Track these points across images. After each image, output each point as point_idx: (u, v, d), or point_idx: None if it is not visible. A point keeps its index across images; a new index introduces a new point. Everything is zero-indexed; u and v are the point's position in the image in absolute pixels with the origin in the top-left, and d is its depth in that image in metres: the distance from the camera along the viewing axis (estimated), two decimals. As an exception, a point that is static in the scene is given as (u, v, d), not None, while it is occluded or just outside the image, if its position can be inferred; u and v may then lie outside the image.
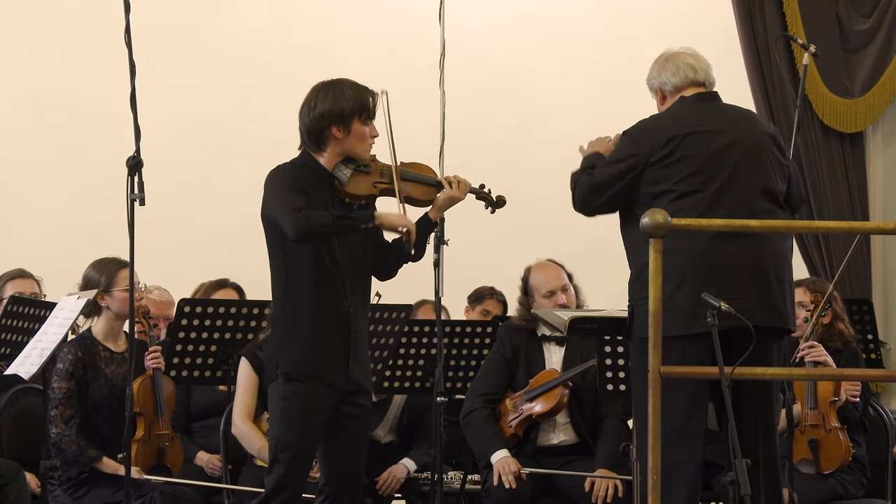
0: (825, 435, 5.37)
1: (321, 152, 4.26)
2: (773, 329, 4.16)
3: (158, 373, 5.25)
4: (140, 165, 4.21)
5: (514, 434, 5.52)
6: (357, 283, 4.26)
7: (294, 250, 4.19)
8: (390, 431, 6.05)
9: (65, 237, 7.33)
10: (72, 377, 5.13)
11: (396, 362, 5.59)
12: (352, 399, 4.25)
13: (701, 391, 4.15)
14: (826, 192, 7.65)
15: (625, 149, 4.26)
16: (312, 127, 4.24)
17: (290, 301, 4.23)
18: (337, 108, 4.20)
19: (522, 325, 5.65)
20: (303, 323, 4.20)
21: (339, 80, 4.29)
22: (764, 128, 4.37)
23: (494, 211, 4.50)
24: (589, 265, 6.06)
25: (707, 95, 4.34)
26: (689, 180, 4.16)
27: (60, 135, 7.63)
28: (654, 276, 3.51)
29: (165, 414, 5.26)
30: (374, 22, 8.10)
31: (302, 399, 4.17)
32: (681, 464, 4.07)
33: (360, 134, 4.24)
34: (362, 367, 4.27)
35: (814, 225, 5.15)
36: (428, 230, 4.39)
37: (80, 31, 7.59)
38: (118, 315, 5.24)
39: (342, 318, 4.20)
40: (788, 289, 4.24)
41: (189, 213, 7.67)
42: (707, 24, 7.69)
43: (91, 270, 5.26)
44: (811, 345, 5.34)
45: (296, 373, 4.17)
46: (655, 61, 4.43)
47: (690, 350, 4.05)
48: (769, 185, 4.24)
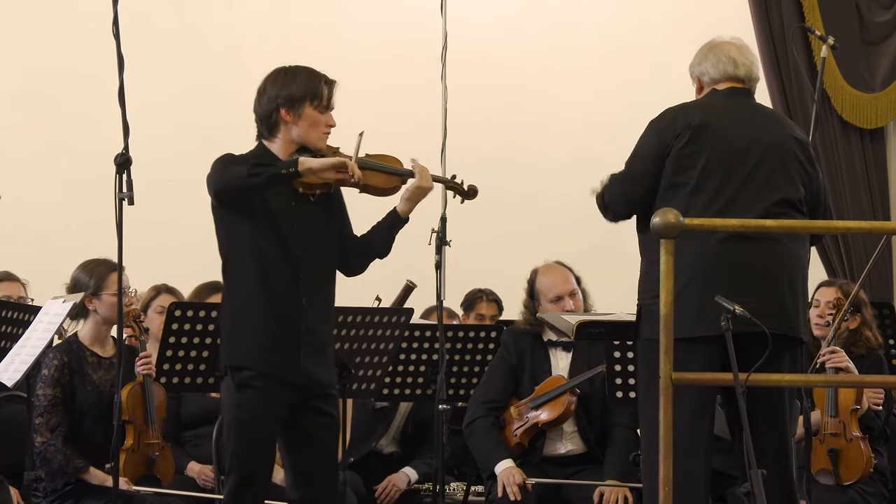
0: (846, 444, 5.36)
1: (273, 139, 4.27)
2: (782, 336, 4.12)
3: (149, 380, 5.24)
4: (129, 163, 4.21)
5: (519, 443, 5.52)
6: (315, 277, 4.24)
7: (237, 240, 4.20)
8: (393, 441, 6.05)
9: (50, 238, 7.34)
10: (57, 384, 5.14)
11: (397, 368, 5.58)
12: (319, 405, 4.23)
13: (707, 398, 4.14)
14: (845, 191, 7.66)
15: (650, 137, 4.26)
16: (262, 111, 4.27)
17: (233, 291, 4.25)
18: (286, 91, 4.23)
19: (527, 330, 5.64)
20: (248, 315, 4.19)
21: (295, 66, 4.32)
22: (793, 133, 4.34)
23: (464, 201, 4.49)
24: (596, 266, 6.06)
25: (740, 91, 4.33)
26: (705, 175, 4.15)
27: (45, 131, 7.63)
28: (665, 277, 3.50)
29: (156, 423, 5.26)
30: (374, 14, 8.11)
31: (256, 406, 4.16)
32: (687, 475, 4.05)
33: (312, 119, 4.23)
34: (320, 363, 4.23)
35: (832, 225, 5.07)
36: (396, 225, 4.37)
37: (66, 22, 7.60)
38: (106, 319, 5.25)
39: (291, 311, 4.19)
40: (801, 296, 4.21)
41: (180, 213, 7.64)
42: (720, 15, 7.69)
43: (80, 272, 5.26)
44: (832, 350, 5.33)
45: (246, 369, 4.15)
46: (700, 48, 4.42)
47: (696, 354, 4.02)
48: (789, 191, 4.20)
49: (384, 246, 4.39)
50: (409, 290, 5.92)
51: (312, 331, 4.22)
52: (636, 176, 4.24)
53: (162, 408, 5.35)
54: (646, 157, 4.22)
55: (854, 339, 5.56)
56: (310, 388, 4.21)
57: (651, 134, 4.26)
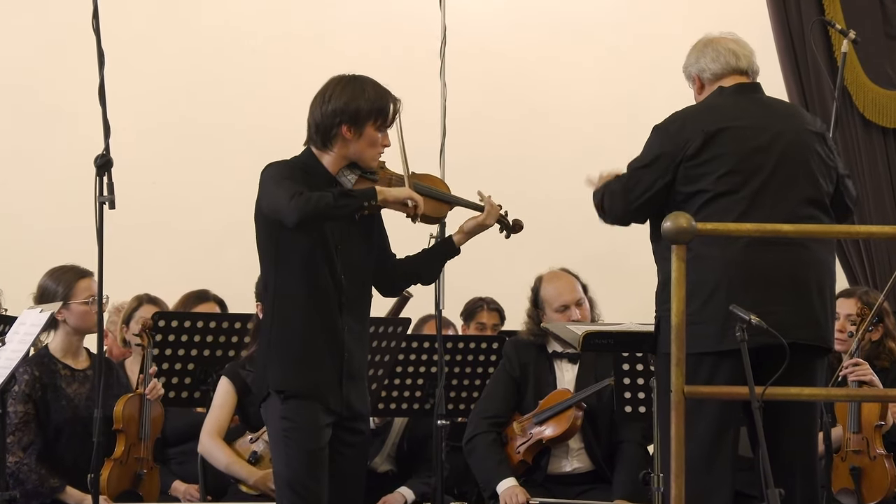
0: (869, 462, 5.36)
1: (326, 151, 4.25)
2: (814, 348, 4.12)
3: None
4: (109, 164, 4.20)
5: (522, 461, 5.52)
6: (356, 301, 4.26)
7: (288, 258, 4.19)
8: (388, 459, 6.04)
9: (26, 243, 7.34)
10: (29, 399, 5.13)
11: (393, 381, 5.58)
12: (349, 425, 4.24)
13: (731, 414, 4.14)
14: (868, 194, 7.65)
15: (656, 145, 4.24)
16: (322, 122, 4.23)
17: (279, 313, 4.22)
18: (353, 106, 4.19)
19: (531, 341, 5.65)
20: (292, 338, 4.19)
21: (359, 77, 4.27)
22: (809, 124, 4.33)
23: (510, 236, 4.50)
24: (604, 274, 6.06)
25: (748, 87, 4.32)
26: (724, 180, 4.14)
27: (21, 130, 7.63)
28: (676, 285, 3.50)
29: (149, 439, 5.26)
30: (369, 6, 8.11)
31: (307, 416, 4.15)
32: (708, 494, 4.06)
33: (372, 139, 4.22)
34: (358, 391, 4.26)
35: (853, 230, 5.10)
36: (449, 255, 4.40)
37: (43, 15, 7.59)
38: (76, 329, 5.24)
39: (335, 337, 4.20)
40: (830, 303, 4.22)
41: (164, 218, 7.67)
42: (736, 8, 7.69)
43: (47, 279, 5.25)
44: (856, 362, 5.33)
45: (290, 389, 4.17)
46: (693, 47, 4.41)
47: (722, 368, 4.03)
48: (813, 188, 4.20)
49: (432, 273, 4.45)
50: (404, 300, 5.92)
51: (353, 359, 4.23)
52: (640, 186, 4.22)
53: (158, 426, 5.35)
54: (652, 167, 4.21)
55: (877, 351, 5.56)
56: (348, 418, 4.23)
57: (658, 141, 4.24)
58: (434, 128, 5.23)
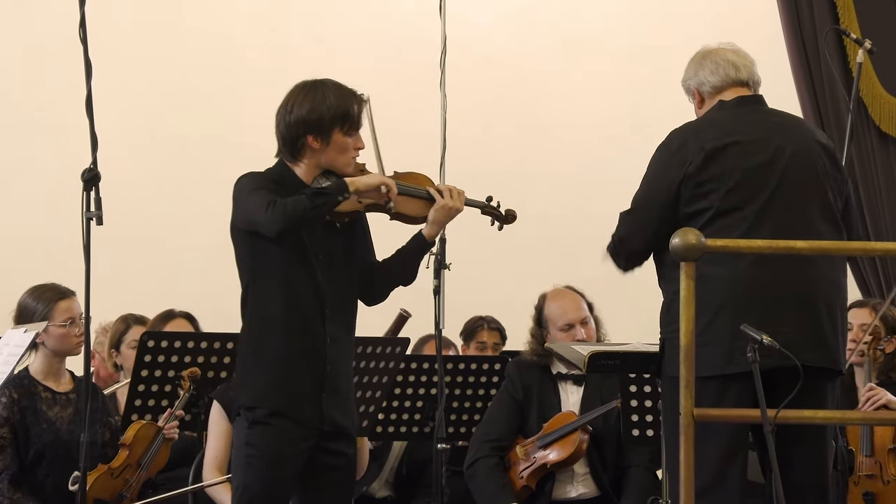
0: (883, 487, 5.36)
1: (297, 163, 4.26)
2: (824, 370, 4.11)
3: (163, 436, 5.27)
4: (97, 179, 4.19)
5: (525, 486, 5.52)
6: (340, 311, 4.25)
7: (266, 270, 4.18)
8: (386, 485, 6.04)
9: (10, 260, 7.33)
10: (6, 422, 5.12)
11: (392, 404, 5.58)
12: (332, 446, 4.22)
13: (740, 438, 4.13)
14: (884, 209, 7.66)
15: (659, 164, 4.24)
16: (287, 135, 4.24)
17: (257, 326, 4.22)
18: (314, 116, 4.19)
19: (535, 361, 5.65)
20: (270, 351, 4.18)
21: (321, 82, 4.26)
22: (815, 137, 4.33)
23: (502, 227, 4.49)
24: (610, 292, 6.03)
25: (750, 99, 4.32)
26: (727, 197, 4.13)
27: (6, 143, 7.64)
28: (685, 304, 3.49)
29: (146, 470, 5.25)
30: (368, 16, 8.13)
31: (269, 445, 4.13)
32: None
33: (341, 146, 4.22)
34: (341, 406, 4.24)
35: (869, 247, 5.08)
36: (422, 250, 4.37)
37: (28, 25, 7.61)
38: (56, 352, 5.23)
39: (317, 349, 4.19)
40: (840, 323, 4.20)
41: (153, 233, 7.67)
42: (746, 16, 7.72)
43: (27, 298, 5.25)
44: (870, 388, 5.32)
45: (260, 408, 4.15)
46: (692, 59, 4.41)
47: (729, 392, 4.01)
48: (821, 203, 4.19)
49: (409, 272, 4.39)
50: (402, 319, 5.91)
51: (337, 371, 4.22)
52: (649, 205, 4.21)
53: (158, 464, 5.33)
54: (657, 188, 4.20)
55: (891, 364, 5.57)
56: (331, 433, 4.21)
57: (660, 161, 4.24)
58: (434, 140, 5.24)
